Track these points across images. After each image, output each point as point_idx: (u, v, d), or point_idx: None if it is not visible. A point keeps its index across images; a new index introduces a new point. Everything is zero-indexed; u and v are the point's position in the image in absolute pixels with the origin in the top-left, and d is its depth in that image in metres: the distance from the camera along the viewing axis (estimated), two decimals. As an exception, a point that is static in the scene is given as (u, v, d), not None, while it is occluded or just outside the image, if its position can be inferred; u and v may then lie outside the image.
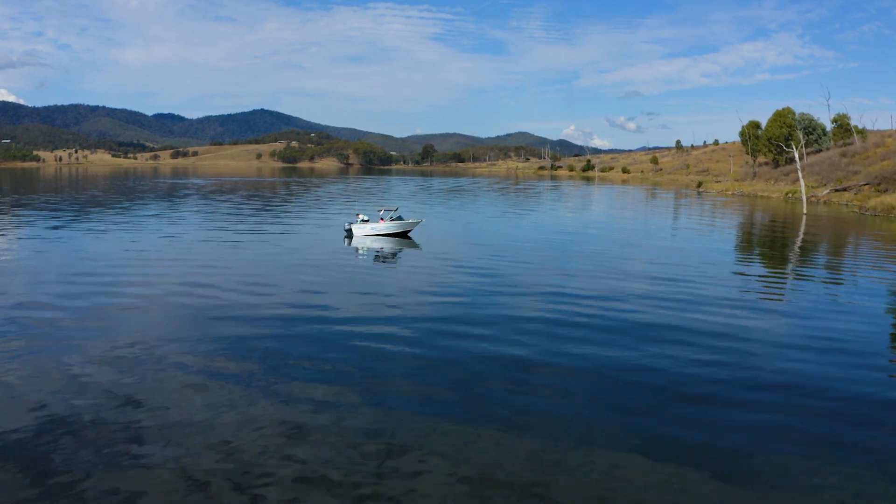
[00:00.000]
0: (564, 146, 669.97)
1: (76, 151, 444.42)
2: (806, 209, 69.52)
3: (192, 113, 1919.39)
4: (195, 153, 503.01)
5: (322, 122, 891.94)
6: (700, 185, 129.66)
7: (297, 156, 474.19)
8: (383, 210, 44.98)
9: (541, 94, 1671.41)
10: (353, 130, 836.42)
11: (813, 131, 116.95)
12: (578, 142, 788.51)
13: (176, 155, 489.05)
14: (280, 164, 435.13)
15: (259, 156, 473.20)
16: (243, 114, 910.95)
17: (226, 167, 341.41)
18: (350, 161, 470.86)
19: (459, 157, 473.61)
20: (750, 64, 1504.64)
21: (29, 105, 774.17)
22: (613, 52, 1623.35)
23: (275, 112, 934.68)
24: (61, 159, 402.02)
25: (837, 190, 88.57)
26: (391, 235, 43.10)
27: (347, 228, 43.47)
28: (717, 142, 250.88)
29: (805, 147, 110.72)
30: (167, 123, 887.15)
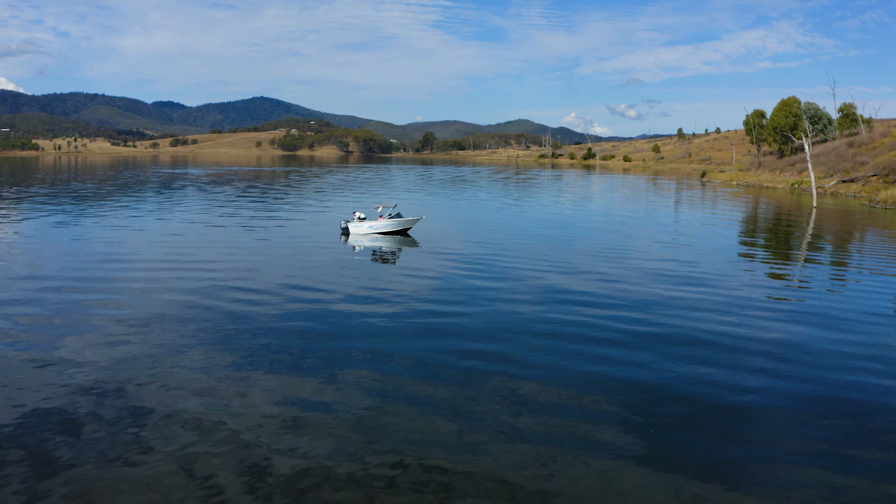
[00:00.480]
0: (565, 133, 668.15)
1: (75, 140, 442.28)
2: (816, 202, 67.87)
3: (192, 100, 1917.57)
4: (195, 141, 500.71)
5: (322, 110, 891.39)
6: (704, 175, 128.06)
7: (297, 143, 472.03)
8: (381, 207, 43.25)
9: (541, 82, 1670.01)
10: (353, 118, 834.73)
11: (818, 121, 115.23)
12: (579, 129, 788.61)
13: (175, 143, 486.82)
14: (280, 152, 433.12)
15: (258, 144, 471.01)
16: (243, 101, 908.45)
17: (225, 155, 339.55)
18: (350, 149, 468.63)
19: (460, 145, 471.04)
20: (751, 52, 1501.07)
21: (28, 93, 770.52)
22: (614, 40, 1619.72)
23: (274, 99, 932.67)
24: (60, 148, 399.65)
25: (845, 181, 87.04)
26: (390, 234, 41.65)
27: (344, 227, 41.94)
28: (719, 130, 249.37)
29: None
30: (167, 111, 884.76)
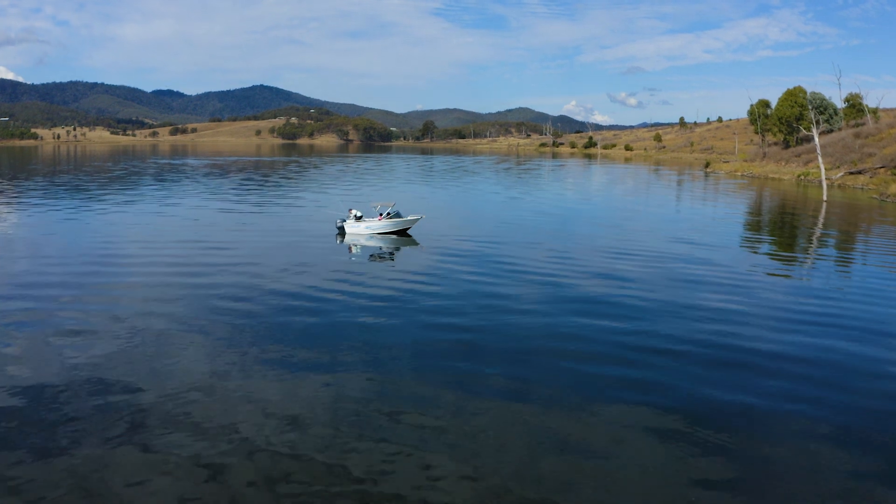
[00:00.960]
0: (565, 121, 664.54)
1: (74, 129, 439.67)
2: (826, 196, 66.20)
3: (192, 89, 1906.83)
4: (194, 130, 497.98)
5: (322, 98, 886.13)
6: (708, 166, 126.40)
7: (297, 132, 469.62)
8: (379, 206, 41.69)
9: (542, 70, 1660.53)
10: (354, 106, 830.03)
11: (824, 111, 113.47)
12: (579, 117, 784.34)
13: (175, 132, 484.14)
14: (279, 141, 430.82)
15: (258, 132, 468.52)
16: (242, 90, 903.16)
17: (224, 144, 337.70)
18: (350, 137, 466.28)
19: (460, 134, 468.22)
20: (752, 40, 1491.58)
21: (27, 82, 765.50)
22: (615, 28, 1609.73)
23: (274, 88, 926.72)
24: (59, 137, 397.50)
25: (852, 173, 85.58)
26: (388, 234, 40.21)
27: (339, 226, 40.43)
28: (721, 119, 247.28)
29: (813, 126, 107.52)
30: (166, 100, 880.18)
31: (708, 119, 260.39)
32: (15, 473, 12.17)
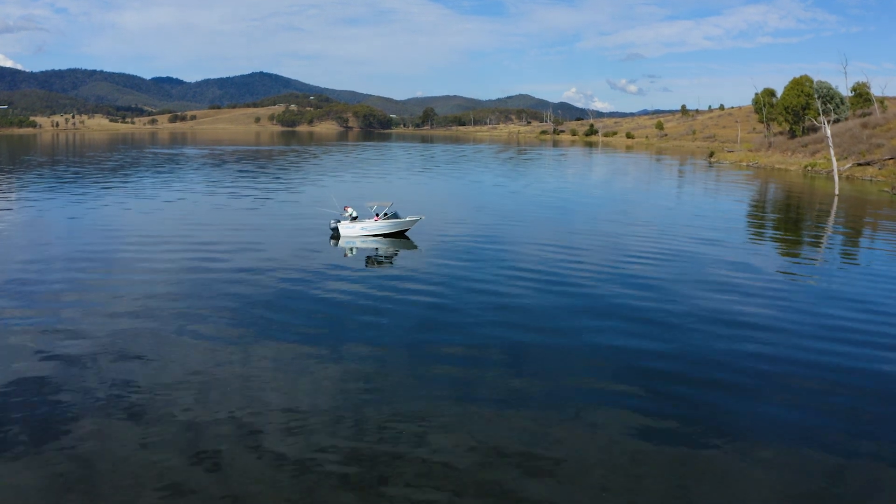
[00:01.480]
0: (566, 108, 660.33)
1: (73, 117, 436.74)
2: (838, 189, 64.27)
3: (191, 76, 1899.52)
4: (193, 117, 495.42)
5: (321, 85, 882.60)
6: (712, 156, 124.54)
7: (296, 119, 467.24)
8: (376, 205, 39.89)
9: (542, 57, 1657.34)
10: (353, 93, 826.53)
11: (831, 100, 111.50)
12: (579, 104, 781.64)
13: (174, 119, 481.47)
14: (279, 128, 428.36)
15: (258, 119, 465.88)
16: (242, 77, 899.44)
17: (224, 132, 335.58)
18: (349, 124, 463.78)
19: (460, 121, 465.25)
20: (752, 27, 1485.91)
21: (26, 70, 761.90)
22: (615, 14, 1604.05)
23: (273, 75, 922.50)
24: (58, 125, 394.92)
25: (860, 164, 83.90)
26: (385, 236, 38.54)
27: (333, 227, 38.56)
28: (723, 107, 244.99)
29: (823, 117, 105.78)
30: (165, 87, 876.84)
31: (710, 107, 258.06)
32: (12, 466, 12.48)
